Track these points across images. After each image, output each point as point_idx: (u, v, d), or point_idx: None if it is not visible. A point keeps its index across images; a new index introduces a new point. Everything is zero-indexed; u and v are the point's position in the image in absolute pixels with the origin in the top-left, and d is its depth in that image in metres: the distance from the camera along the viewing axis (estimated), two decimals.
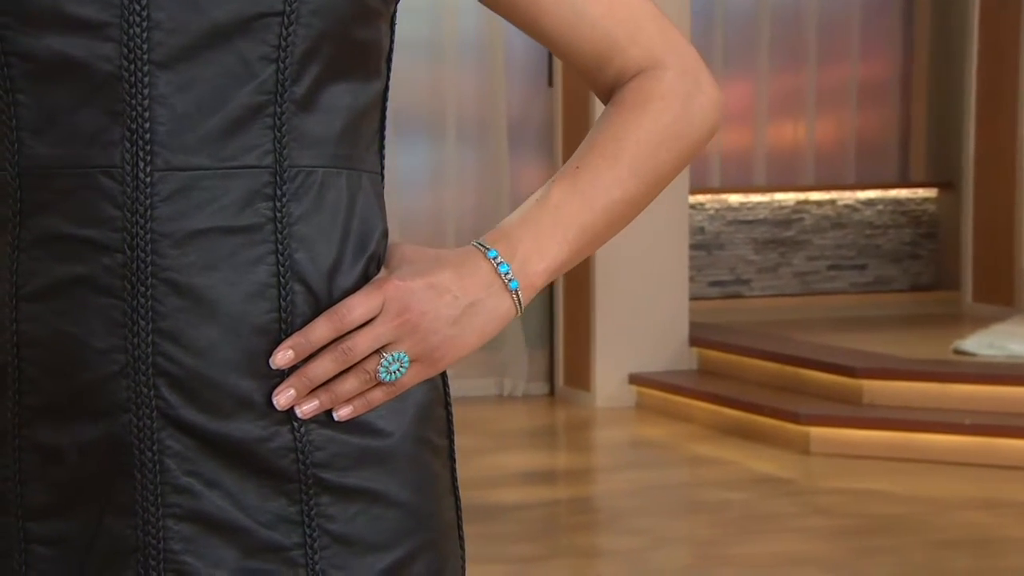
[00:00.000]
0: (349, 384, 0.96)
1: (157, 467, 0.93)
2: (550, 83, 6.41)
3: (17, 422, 0.94)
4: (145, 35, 0.92)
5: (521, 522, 4.30)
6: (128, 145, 0.92)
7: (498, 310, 0.99)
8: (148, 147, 0.92)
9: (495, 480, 4.87)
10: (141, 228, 0.92)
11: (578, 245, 1.02)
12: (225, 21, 0.93)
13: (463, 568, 1.06)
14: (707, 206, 7.50)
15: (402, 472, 0.99)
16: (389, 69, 1.04)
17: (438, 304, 0.97)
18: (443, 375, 1.05)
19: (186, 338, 0.93)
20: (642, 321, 6.19)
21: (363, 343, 0.96)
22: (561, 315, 6.45)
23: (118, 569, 0.94)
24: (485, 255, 0.99)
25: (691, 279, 7.08)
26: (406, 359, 0.97)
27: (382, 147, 1.04)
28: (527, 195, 1.05)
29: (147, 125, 0.92)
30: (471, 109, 6.36)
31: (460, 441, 1.08)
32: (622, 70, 1.06)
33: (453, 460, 1.05)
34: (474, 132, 6.38)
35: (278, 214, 0.95)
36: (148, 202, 0.92)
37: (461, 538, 1.06)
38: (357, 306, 0.96)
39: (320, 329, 0.95)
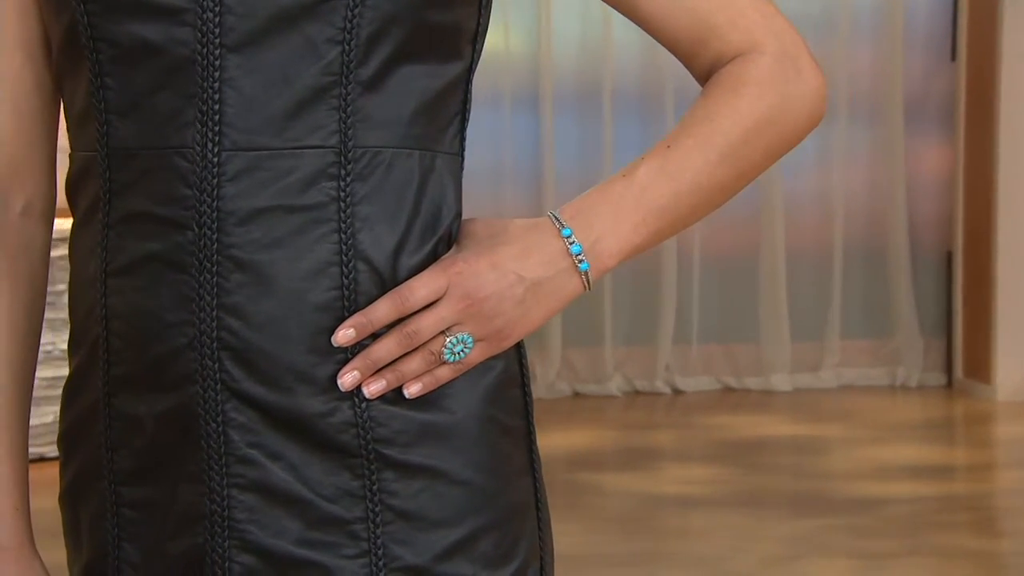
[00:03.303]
0: (414, 364, 0.97)
1: (222, 438, 0.96)
2: (953, 57, 6.07)
3: (107, 391, 1.00)
4: (218, 19, 0.95)
5: (886, 517, 4.11)
6: (199, 126, 0.95)
7: (565, 289, 0.98)
8: (217, 128, 0.95)
9: (872, 472, 4.68)
10: (208, 206, 0.95)
11: (657, 227, 1.00)
12: (292, 4, 0.95)
13: (542, 549, 1.05)
14: None
15: (466, 451, 0.99)
16: (476, 50, 1.03)
17: (502, 285, 0.96)
18: (521, 357, 1.04)
19: (248, 313, 0.96)
20: None
21: (428, 327, 0.96)
22: (960, 302, 6.10)
23: (189, 535, 0.98)
24: (559, 232, 0.98)
25: None
26: (470, 340, 0.97)
27: (463, 128, 1.03)
28: (924, 177, 1.03)
29: (217, 107, 0.95)
30: (864, 86, 6.12)
31: (845, 431, 1.05)
32: (720, 54, 1.03)
33: (531, 441, 1.04)
34: (867, 110, 6.13)
35: (342, 193, 0.96)
36: (215, 181, 0.95)
37: (540, 519, 1.05)
38: (420, 288, 0.96)
39: (382, 309, 0.96)
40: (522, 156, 5.92)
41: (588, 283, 0.99)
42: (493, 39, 5.83)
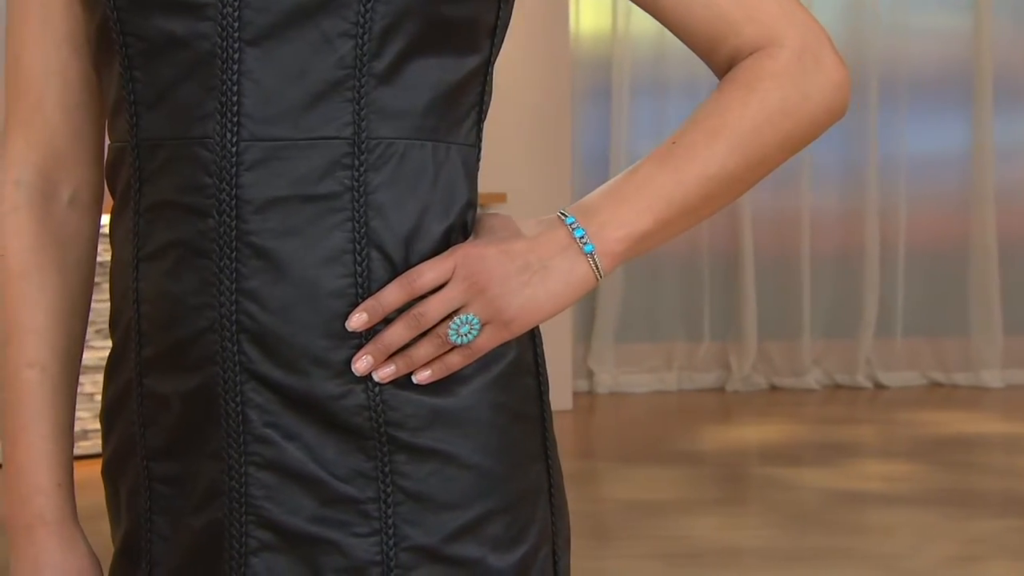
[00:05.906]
0: (423, 349, 0.99)
1: (240, 417, 1.00)
2: None
3: (139, 371, 1.05)
4: (237, 14, 0.98)
5: None
6: (219, 117, 0.99)
7: (573, 273, 0.99)
8: (236, 119, 0.98)
9: None
10: (228, 195, 0.99)
11: (664, 216, 1.01)
12: None
13: (555, 533, 1.06)
14: None
15: (476, 436, 1.01)
16: (495, 43, 1.05)
17: (508, 267, 0.98)
18: (535, 346, 1.05)
19: (264, 298, 0.99)
20: None
21: (434, 308, 0.98)
22: None
23: (210, 511, 1.02)
24: (563, 222, 1.00)
25: None
26: (476, 321, 0.98)
27: (481, 120, 1.05)
28: None
29: (236, 99, 0.98)
30: None
31: None
32: (738, 49, 1.04)
33: (545, 428, 1.05)
34: None
35: (356, 183, 0.99)
36: (234, 170, 0.99)
37: (554, 504, 1.06)
38: (427, 271, 0.98)
39: (391, 293, 0.98)
40: None
41: (597, 268, 1.00)
42: None
